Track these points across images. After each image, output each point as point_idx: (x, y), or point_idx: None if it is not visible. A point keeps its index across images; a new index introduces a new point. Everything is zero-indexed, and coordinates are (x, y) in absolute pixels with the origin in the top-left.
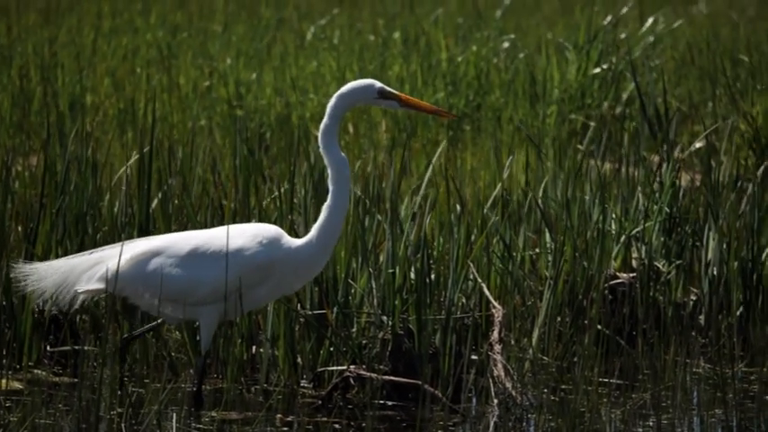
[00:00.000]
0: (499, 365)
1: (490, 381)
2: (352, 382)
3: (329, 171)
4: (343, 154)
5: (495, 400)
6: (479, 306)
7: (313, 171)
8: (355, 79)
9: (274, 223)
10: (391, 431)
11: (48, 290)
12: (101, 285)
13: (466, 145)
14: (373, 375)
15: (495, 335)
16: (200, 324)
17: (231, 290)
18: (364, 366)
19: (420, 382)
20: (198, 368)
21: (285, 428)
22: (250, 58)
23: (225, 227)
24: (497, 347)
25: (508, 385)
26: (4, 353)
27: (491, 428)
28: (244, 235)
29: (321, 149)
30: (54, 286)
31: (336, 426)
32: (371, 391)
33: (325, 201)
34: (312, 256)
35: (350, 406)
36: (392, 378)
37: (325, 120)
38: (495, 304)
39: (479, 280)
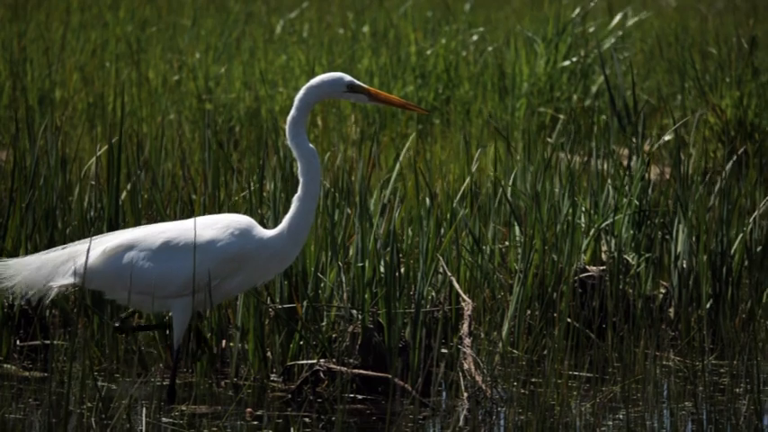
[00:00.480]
0: (469, 359)
1: (460, 374)
2: (322, 375)
3: (298, 163)
4: (311, 145)
5: (465, 394)
6: (449, 299)
7: (283, 164)
8: (325, 72)
9: None
10: (361, 425)
11: (20, 285)
12: (74, 280)
13: (435, 138)
14: (343, 369)
15: (465, 328)
16: (173, 317)
17: (203, 282)
18: (334, 360)
19: (390, 376)
20: (171, 361)
21: (255, 422)
22: (219, 52)
23: (197, 218)
24: (467, 341)
25: (478, 379)
26: None
27: (461, 422)
28: (215, 226)
29: (288, 141)
30: (26, 282)
31: (306, 419)
32: (341, 384)
33: (294, 193)
34: (283, 247)
35: (320, 400)
36: (362, 371)
37: (292, 111)
38: (465, 298)
39: (449, 274)
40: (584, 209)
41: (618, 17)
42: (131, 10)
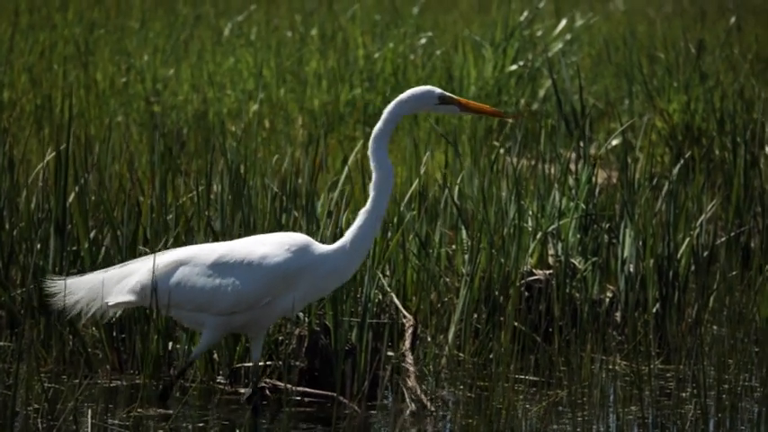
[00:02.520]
0: (412, 377)
1: (404, 390)
2: (267, 392)
3: (374, 175)
4: (390, 161)
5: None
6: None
7: (230, 167)
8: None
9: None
10: (308, 427)
11: (80, 304)
12: (130, 297)
13: None
14: (288, 387)
15: (407, 344)
16: (204, 332)
17: (256, 299)
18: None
19: (334, 394)
20: (180, 365)
21: (201, 425)
22: (167, 54)
23: (253, 237)
24: (409, 358)
25: (422, 397)
26: None
27: (407, 426)
28: (270, 243)
29: (369, 152)
30: (85, 300)
31: (253, 422)
32: (287, 402)
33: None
34: (345, 261)
35: (265, 402)
36: (306, 389)
37: (379, 124)
38: (406, 314)
39: (389, 290)
40: (531, 212)
41: (565, 21)
42: (80, 12)
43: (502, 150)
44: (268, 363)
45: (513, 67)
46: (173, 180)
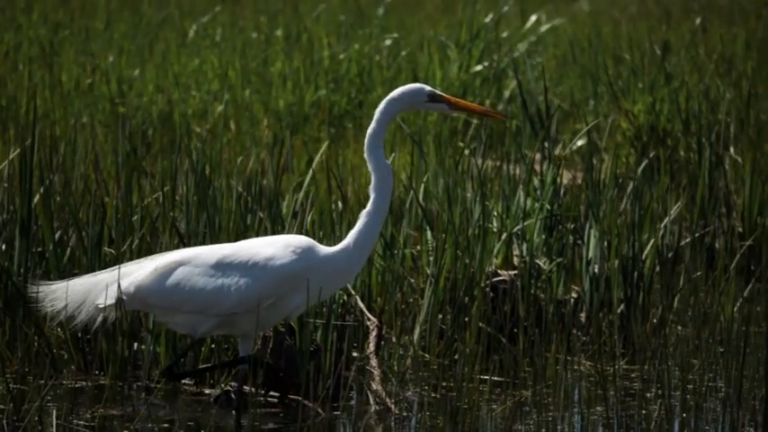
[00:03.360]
0: (377, 379)
1: (369, 393)
2: (233, 396)
3: (372, 177)
4: (387, 161)
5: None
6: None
7: (195, 168)
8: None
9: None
10: (272, 428)
11: (68, 308)
12: (124, 299)
13: (348, 142)
14: (254, 390)
15: (372, 347)
16: (197, 330)
17: (260, 299)
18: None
19: (300, 398)
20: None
21: (166, 425)
22: (132, 55)
23: (255, 239)
24: (374, 361)
25: (387, 400)
26: None
27: (371, 427)
28: (275, 245)
29: (366, 154)
30: (74, 304)
31: (219, 422)
32: (252, 404)
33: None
34: (349, 263)
35: (230, 404)
36: (272, 394)
37: (372, 125)
38: (370, 316)
39: (353, 293)
40: (496, 213)
41: (531, 22)
42: (44, 13)
43: (467, 151)
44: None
45: (479, 67)
46: (138, 181)
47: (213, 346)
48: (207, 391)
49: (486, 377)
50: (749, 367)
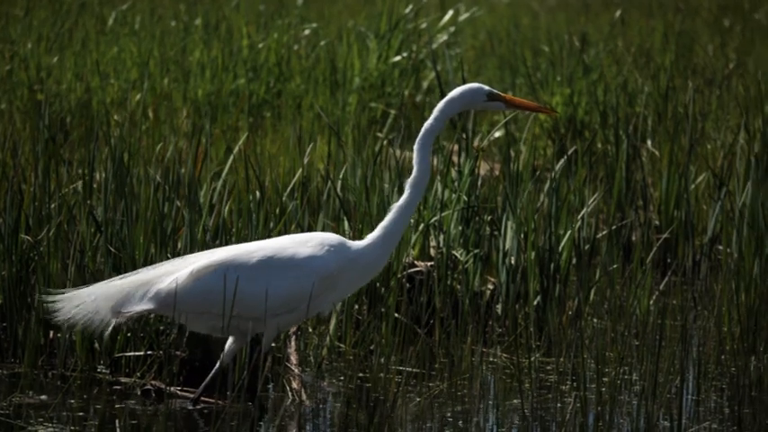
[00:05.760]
0: (294, 370)
1: (285, 383)
2: (153, 394)
3: (414, 171)
4: (429, 161)
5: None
6: None
7: (114, 155)
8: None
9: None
10: (191, 419)
11: (80, 315)
12: (151, 306)
13: (266, 131)
14: (171, 389)
15: (292, 346)
16: (266, 333)
17: (302, 300)
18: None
19: (220, 402)
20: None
21: (81, 413)
22: (51, 42)
23: (284, 237)
24: (294, 359)
25: (302, 391)
26: None
27: (287, 418)
28: (309, 244)
29: (415, 147)
30: (91, 311)
31: (136, 412)
32: (168, 402)
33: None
34: (379, 255)
35: (147, 388)
36: (187, 393)
37: (430, 121)
38: None
39: None
40: None
41: (450, 13)
42: None
43: (385, 142)
44: (149, 353)
45: (398, 58)
46: (56, 168)
47: (129, 335)
48: (123, 380)
49: (401, 368)
50: (664, 360)
